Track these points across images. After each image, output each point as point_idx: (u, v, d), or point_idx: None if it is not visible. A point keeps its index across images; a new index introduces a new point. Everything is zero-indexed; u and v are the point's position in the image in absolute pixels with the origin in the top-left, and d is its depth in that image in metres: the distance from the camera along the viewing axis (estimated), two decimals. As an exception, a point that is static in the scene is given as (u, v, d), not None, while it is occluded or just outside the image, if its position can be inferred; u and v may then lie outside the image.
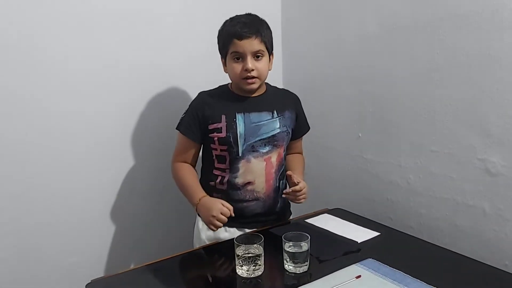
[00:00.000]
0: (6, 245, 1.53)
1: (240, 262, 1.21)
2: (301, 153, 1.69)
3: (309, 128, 1.65)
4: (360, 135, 1.81)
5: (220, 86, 1.53)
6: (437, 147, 1.52)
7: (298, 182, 1.43)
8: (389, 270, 1.20)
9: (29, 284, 1.59)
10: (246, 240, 1.23)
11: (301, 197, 1.44)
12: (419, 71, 1.55)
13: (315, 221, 1.57)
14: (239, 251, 1.21)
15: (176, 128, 1.49)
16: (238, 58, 1.39)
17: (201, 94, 1.51)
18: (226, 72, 1.46)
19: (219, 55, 1.48)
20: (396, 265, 1.21)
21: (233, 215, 1.36)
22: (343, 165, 1.91)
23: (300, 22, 2.01)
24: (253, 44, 1.37)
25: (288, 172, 1.47)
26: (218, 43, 1.45)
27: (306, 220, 1.58)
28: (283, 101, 1.54)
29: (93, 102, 1.62)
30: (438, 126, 1.51)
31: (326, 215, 1.63)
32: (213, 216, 1.34)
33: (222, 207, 1.35)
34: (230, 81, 1.51)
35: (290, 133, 1.54)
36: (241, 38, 1.36)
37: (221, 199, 1.40)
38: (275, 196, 1.51)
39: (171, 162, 1.53)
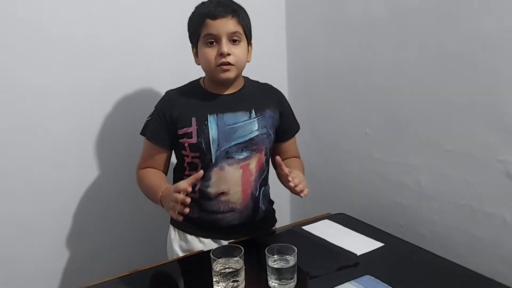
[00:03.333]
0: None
1: (218, 278, 1.07)
2: (297, 157, 1.48)
3: (299, 127, 1.46)
4: (367, 131, 1.64)
5: (190, 82, 1.35)
6: (452, 146, 1.34)
7: (289, 173, 1.20)
8: (388, 290, 1.04)
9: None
10: (224, 252, 1.09)
11: (298, 187, 1.20)
12: (431, 58, 1.37)
13: (313, 228, 1.41)
14: (217, 266, 1.07)
15: (141, 133, 1.33)
16: (211, 43, 1.21)
17: (168, 93, 1.33)
18: (198, 64, 1.28)
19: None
20: (398, 284, 1.05)
21: (189, 189, 1.10)
22: (349, 165, 1.74)
23: (304, 10, 1.85)
24: (229, 24, 1.19)
25: (277, 158, 1.24)
26: (188, 29, 1.27)
27: (303, 227, 1.42)
28: (263, 98, 1.35)
29: (58, 103, 1.50)
30: (453, 122, 1.33)
31: (326, 221, 1.48)
32: (171, 201, 1.11)
33: (176, 186, 1.11)
34: (202, 77, 1.34)
35: (272, 134, 1.34)
36: (215, 17, 1.18)
37: (193, 208, 1.24)
38: (254, 205, 1.35)
39: (136, 171, 1.36)
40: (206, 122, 1.25)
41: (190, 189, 1.11)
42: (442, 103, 1.36)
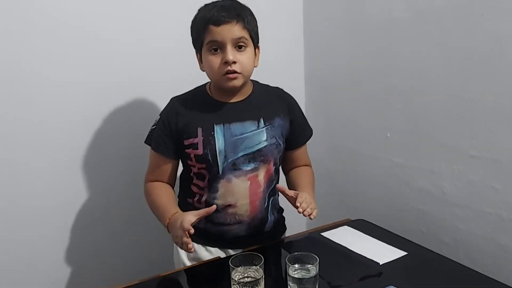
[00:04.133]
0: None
1: (236, 287, 1.04)
2: (308, 165, 1.41)
3: (311, 132, 1.39)
4: (388, 135, 1.59)
5: (196, 88, 1.30)
6: (477, 151, 1.30)
7: (295, 196, 1.16)
8: (413, 302, 1.00)
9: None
10: (243, 260, 1.06)
11: (306, 211, 1.14)
12: (454, 60, 1.32)
13: (332, 235, 1.37)
14: (236, 275, 1.04)
15: (145, 142, 1.29)
16: (216, 50, 1.15)
17: (173, 101, 1.28)
18: (203, 70, 1.22)
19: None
20: (424, 296, 1.01)
21: (191, 231, 1.09)
22: (369, 170, 1.70)
23: (322, 10, 1.82)
24: (234, 30, 1.13)
25: (278, 186, 1.24)
26: (192, 34, 1.21)
27: (322, 234, 1.38)
28: (273, 106, 1.28)
29: (62, 101, 1.47)
30: (478, 126, 1.29)
31: (346, 227, 1.43)
32: (176, 236, 1.12)
33: (183, 225, 1.09)
34: (208, 82, 1.30)
35: (282, 144, 1.28)
36: (218, 23, 1.12)
37: (200, 220, 1.18)
38: (262, 217, 1.30)
39: (144, 182, 1.32)
40: (212, 133, 1.20)
41: (192, 231, 1.09)
42: (466, 106, 1.31)
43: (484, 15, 1.23)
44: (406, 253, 1.24)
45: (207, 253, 1.30)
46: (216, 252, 1.30)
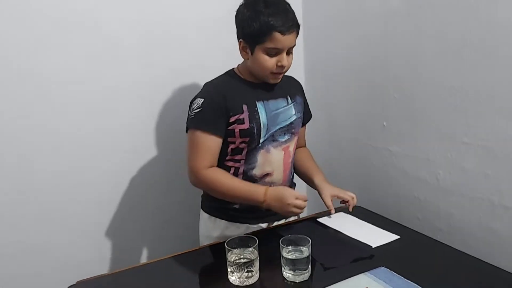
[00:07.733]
0: (11, 242, 1.50)
1: (232, 268, 1.08)
2: (305, 145, 1.58)
3: (311, 115, 1.55)
4: (384, 124, 1.62)
5: (224, 74, 1.38)
6: (470, 138, 1.32)
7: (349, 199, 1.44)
8: (403, 282, 1.03)
9: (33, 280, 1.55)
10: (239, 243, 1.10)
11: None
12: (449, 50, 1.34)
13: (328, 220, 1.41)
14: (232, 256, 1.09)
15: (194, 128, 1.29)
16: (272, 53, 1.25)
17: (212, 83, 1.35)
18: (246, 58, 1.31)
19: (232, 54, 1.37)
20: (413, 277, 1.04)
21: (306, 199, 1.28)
22: (366, 158, 1.73)
23: (321, 1, 1.84)
24: (292, 39, 1.26)
25: (331, 211, 1.42)
26: (247, 27, 1.24)
27: (318, 219, 1.42)
28: (292, 87, 1.45)
29: (100, 100, 1.57)
30: (471, 115, 1.30)
31: (342, 213, 1.47)
32: (289, 204, 1.24)
33: (295, 193, 1.26)
34: (232, 68, 1.40)
35: (302, 119, 1.45)
36: (284, 33, 1.22)
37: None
38: (290, 186, 1.43)
39: (191, 171, 1.31)
40: (256, 109, 1.31)
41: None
42: (460, 95, 1.33)
43: (479, 5, 1.24)
44: (399, 237, 1.27)
45: (240, 230, 1.36)
46: (247, 229, 1.36)
